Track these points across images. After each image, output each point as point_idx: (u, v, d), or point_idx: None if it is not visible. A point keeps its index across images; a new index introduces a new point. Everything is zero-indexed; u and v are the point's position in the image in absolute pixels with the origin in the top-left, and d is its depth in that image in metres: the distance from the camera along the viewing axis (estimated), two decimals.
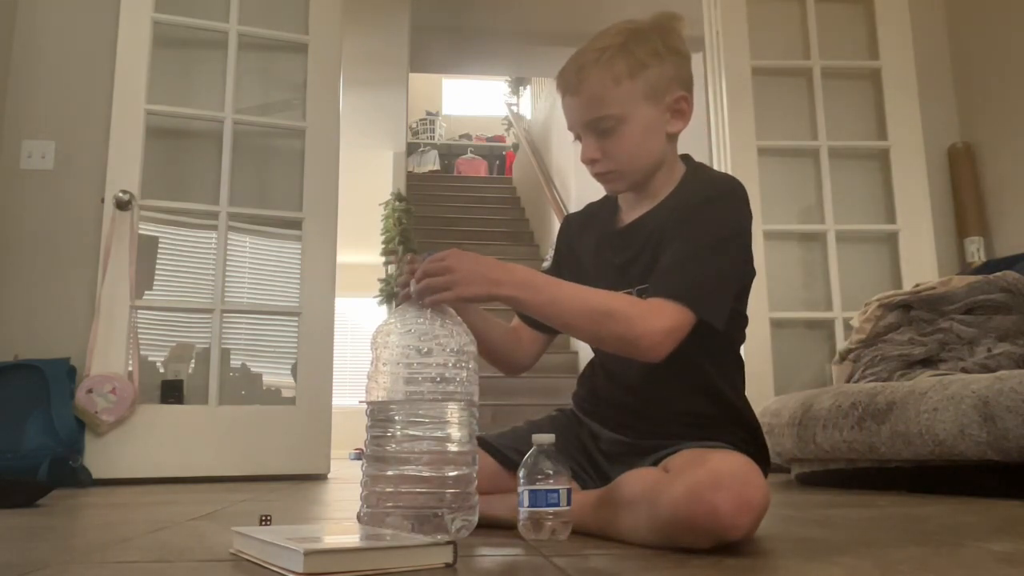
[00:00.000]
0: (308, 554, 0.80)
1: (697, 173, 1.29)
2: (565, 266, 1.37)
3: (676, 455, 1.11)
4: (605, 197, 1.38)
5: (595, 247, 1.34)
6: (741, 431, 1.25)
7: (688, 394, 1.23)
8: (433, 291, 1.09)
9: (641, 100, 1.19)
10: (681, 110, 1.23)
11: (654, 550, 1.01)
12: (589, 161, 1.24)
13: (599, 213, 1.38)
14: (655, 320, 1.11)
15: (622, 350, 1.15)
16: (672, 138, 1.25)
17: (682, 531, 0.97)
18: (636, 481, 1.09)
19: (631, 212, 1.31)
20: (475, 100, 12.12)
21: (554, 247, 1.44)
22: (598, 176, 1.26)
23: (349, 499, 2.05)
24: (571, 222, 1.43)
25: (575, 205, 7.33)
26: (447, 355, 1.09)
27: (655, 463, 1.14)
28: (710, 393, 1.24)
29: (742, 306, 1.26)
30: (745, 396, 1.30)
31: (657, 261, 1.19)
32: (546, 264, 1.42)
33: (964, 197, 3.33)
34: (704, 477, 0.96)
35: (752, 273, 1.28)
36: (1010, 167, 3.24)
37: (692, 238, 1.16)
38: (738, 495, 0.94)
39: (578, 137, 1.26)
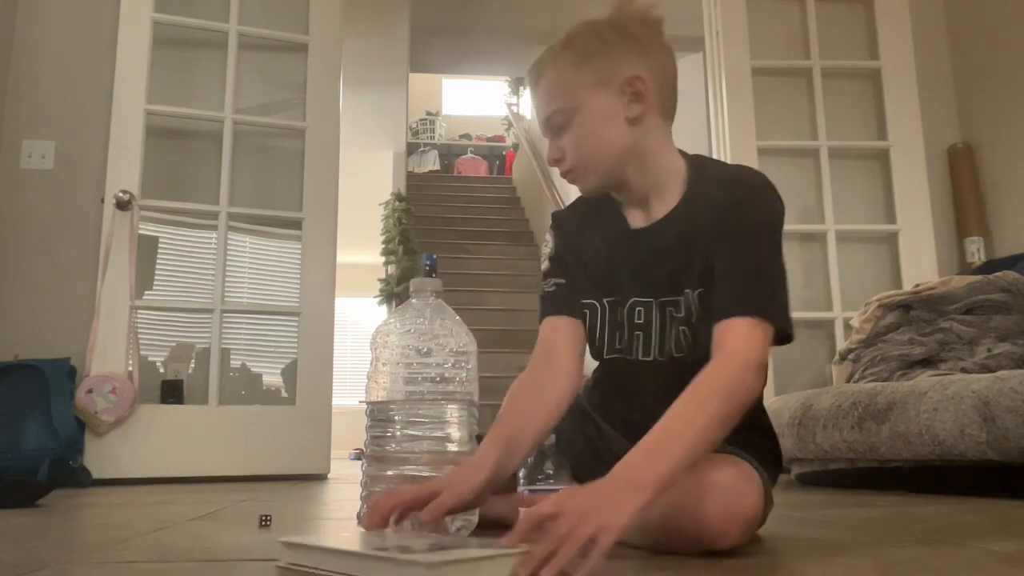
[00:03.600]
0: (432, 566, 0.70)
1: (706, 169, 1.19)
2: (571, 268, 1.25)
3: None
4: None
5: (605, 248, 1.22)
6: (756, 436, 1.17)
7: None
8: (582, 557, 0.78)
9: (590, 89, 1.12)
10: (637, 91, 1.11)
11: (654, 550, 1.00)
12: (553, 161, 1.17)
13: (600, 209, 1.26)
14: (740, 372, 0.99)
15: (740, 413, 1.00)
16: (636, 124, 1.13)
17: (670, 538, 0.97)
18: None
19: (638, 211, 1.21)
20: (475, 100, 12.11)
21: (551, 249, 1.29)
22: (565, 176, 1.18)
23: (349, 499, 2.05)
24: (567, 221, 1.30)
25: None
26: (447, 355, 1.09)
27: None
28: None
29: None
30: (762, 401, 1.21)
31: (686, 271, 1.11)
32: (545, 265, 1.27)
33: (964, 197, 3.33)
34: (692, 486, 0.94)
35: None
36: (1010, 167, 3.24)
37: (741, 247, 1.08)
38: (726, 505, 0.93)
39: None
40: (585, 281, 1.20)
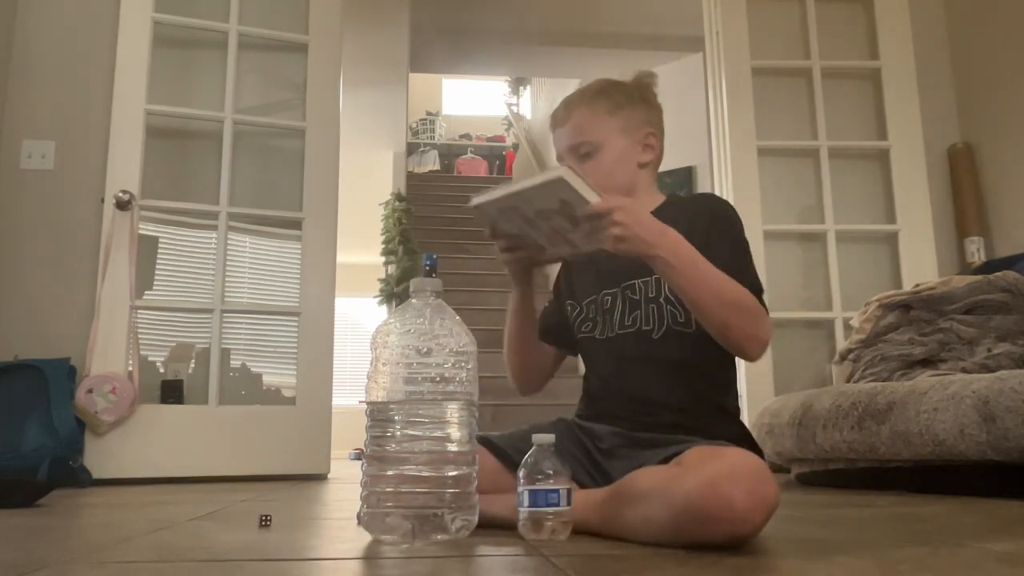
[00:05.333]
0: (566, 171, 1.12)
1: (680, 198, 1.47)
2: (563, 289, 1.54)
3: (689, 452, 1.12)
4: None
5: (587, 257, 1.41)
6: (735, 429, 1.32)
7: (676, 388, 1.32)
8: (604, 237, 1.15)
9: (617, 132, 1.39)
10: (650, 144, 1.42)
11: (655, 549, 1.01)
12: None
13: None
14: (766, 327, 1.22)
15: (731, 343, 1.22)
16: (643, 167, 1.42)
17: (695, 521, 0.97)
18: (649, 475, 1.10)
19: None
20: (475, 100, 12.11)
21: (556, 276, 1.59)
22: None
23: (349, 499, 2.05)
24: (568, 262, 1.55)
25: None
26: (447, 355, 1.09)
27: (665, 460, 1.14)
28: (695, 390, 1.32)
29: None
30: (736, 398, 1.39)
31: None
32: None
33: (964, 197, 3.33)
34: (722, 468, 0.99)
35: None
36: (1010, 167, 3.24)
37: (730, 246, 1.29)
38: (755, 489, 0.96)
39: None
40: (569, 292, 1.50)
